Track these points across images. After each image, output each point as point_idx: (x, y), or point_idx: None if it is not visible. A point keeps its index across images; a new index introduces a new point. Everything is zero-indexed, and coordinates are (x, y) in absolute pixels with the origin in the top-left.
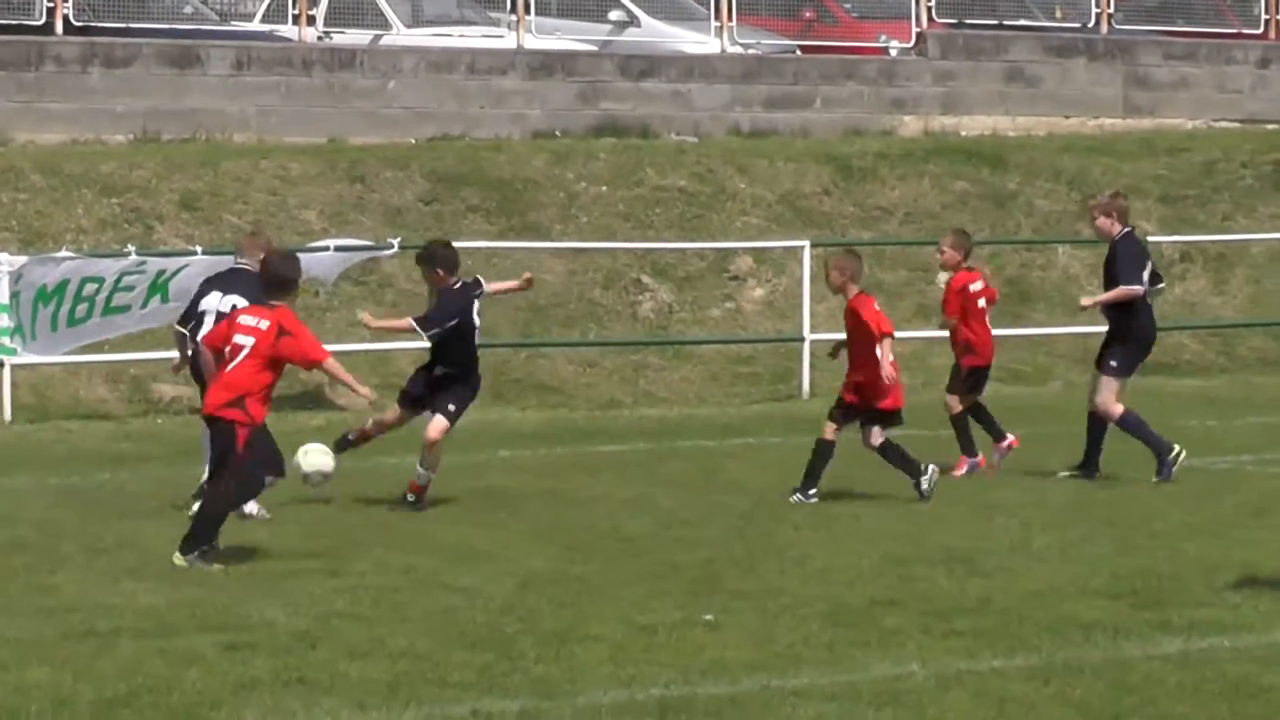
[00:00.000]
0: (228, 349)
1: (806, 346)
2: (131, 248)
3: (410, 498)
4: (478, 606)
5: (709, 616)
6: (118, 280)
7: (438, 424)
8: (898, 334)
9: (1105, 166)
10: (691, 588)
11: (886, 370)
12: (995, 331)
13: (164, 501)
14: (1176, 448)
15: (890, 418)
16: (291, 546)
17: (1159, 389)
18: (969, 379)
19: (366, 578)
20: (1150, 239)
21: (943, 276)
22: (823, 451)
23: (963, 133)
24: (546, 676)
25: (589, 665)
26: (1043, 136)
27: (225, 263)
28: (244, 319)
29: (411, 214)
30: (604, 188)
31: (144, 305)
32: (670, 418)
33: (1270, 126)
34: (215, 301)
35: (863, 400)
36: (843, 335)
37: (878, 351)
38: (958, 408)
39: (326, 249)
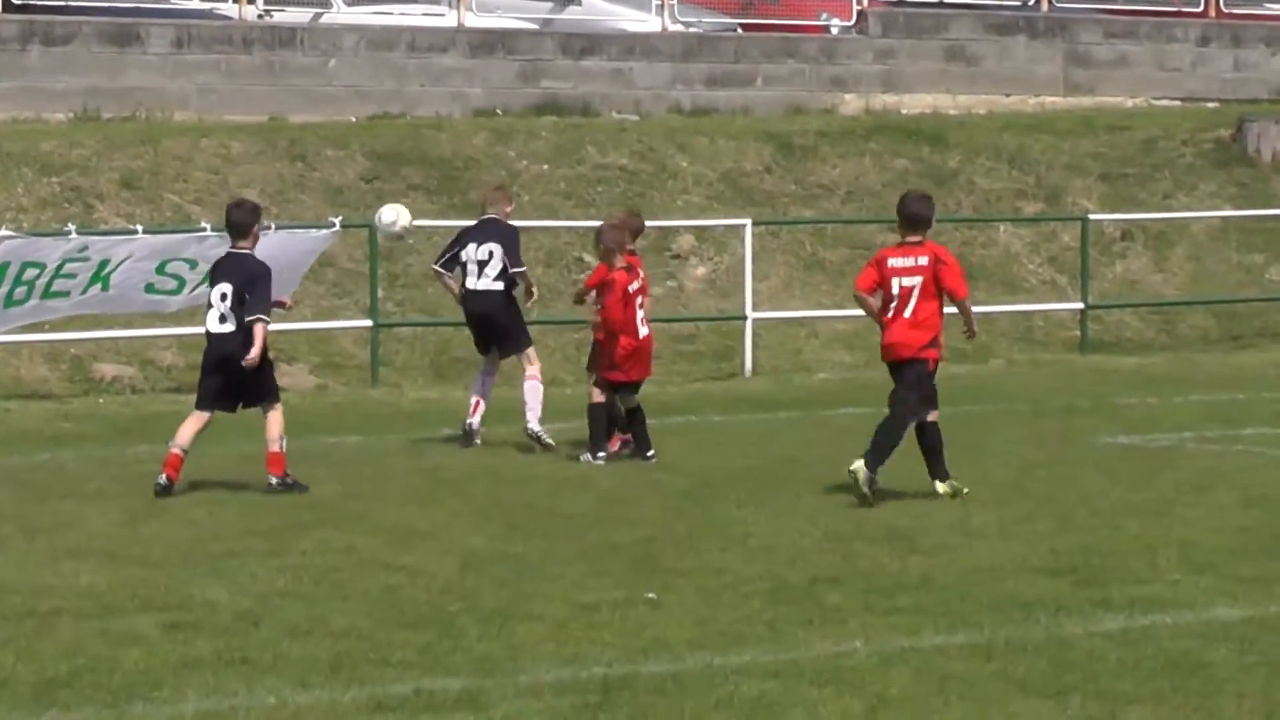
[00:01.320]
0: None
1: (749, 325)
2: (72, 227)
3: None
4: (419, 586)
5: (651, 595)
6: (59, 266)
7: None
8: (840, 312)
9: (1045, 144)
10: (633, 566)
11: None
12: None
13: (104, 482)
14: None
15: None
16: (232, 526)
17: (1100, 366)
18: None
19: (308, 557)
20: (1091, 217)
21: None
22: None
23: (904, 111)
24: (488, 655)
25: (531, 644)
26: (983, 115)
27: (166, 241)
28: (896, 261)
29: (353, 192)
30: (545, 166)
31: (83, 292)
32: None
33: (1210, 105)
34: (473, 252)
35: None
36: (784, 313)
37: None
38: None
39: (268, 228)
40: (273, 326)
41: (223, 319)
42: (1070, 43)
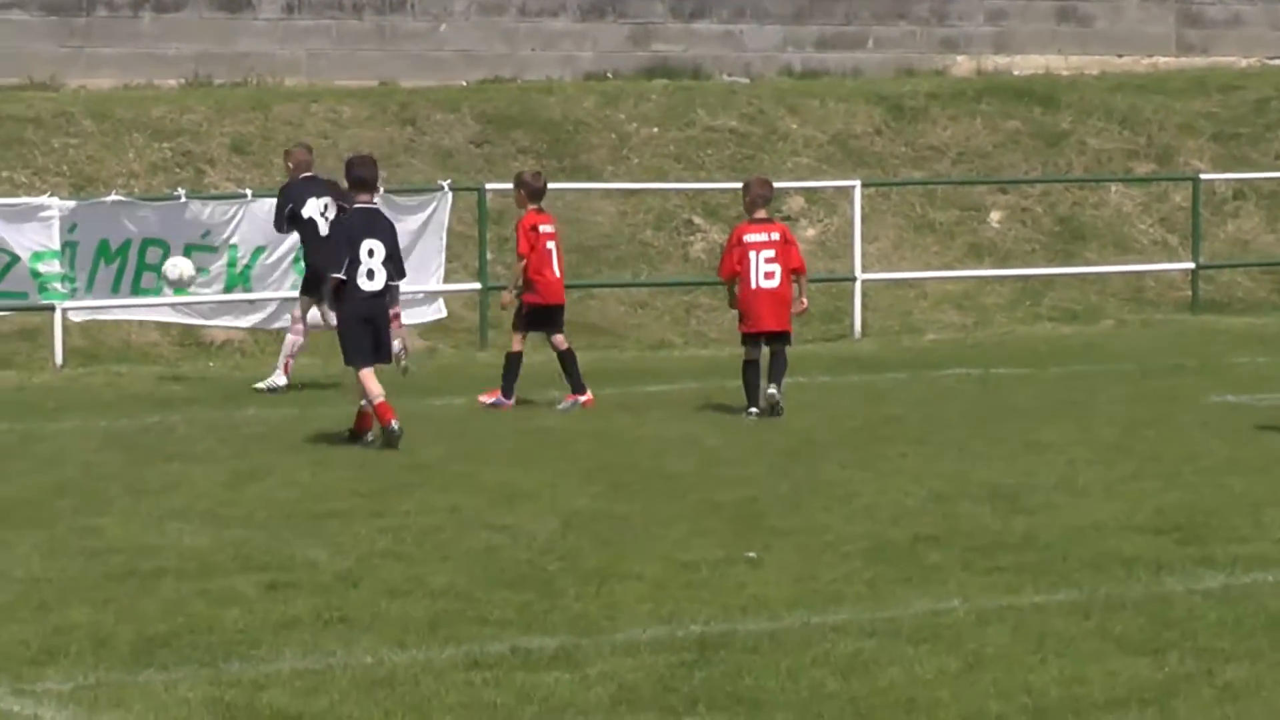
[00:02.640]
0: None
1: (858, 286)
2: (181, 191)
3: None
4: (520, 545)
5: (751, 554)
6: (185, 253)
7: None
8: (949, 273)
9: (1157, 105)
10: (734, 526)
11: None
12: (1048, 270)
13: (212, 444)
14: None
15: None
16: (337, 487)
17: (1211, 326)
18: (529, 317)
19: (410, 518)
20: (1202, 177)
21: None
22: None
23: (1015, 72)
24: (586, 614)
25: (628, 602)
26: (1095, 75)
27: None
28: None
29: (462, 156)
30: (655, 129)
31: (227, 289)
32: (720, 358)
33: None
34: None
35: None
36: (894, 274)
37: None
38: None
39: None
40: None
41: (371, 275)
42: (1183, 2)
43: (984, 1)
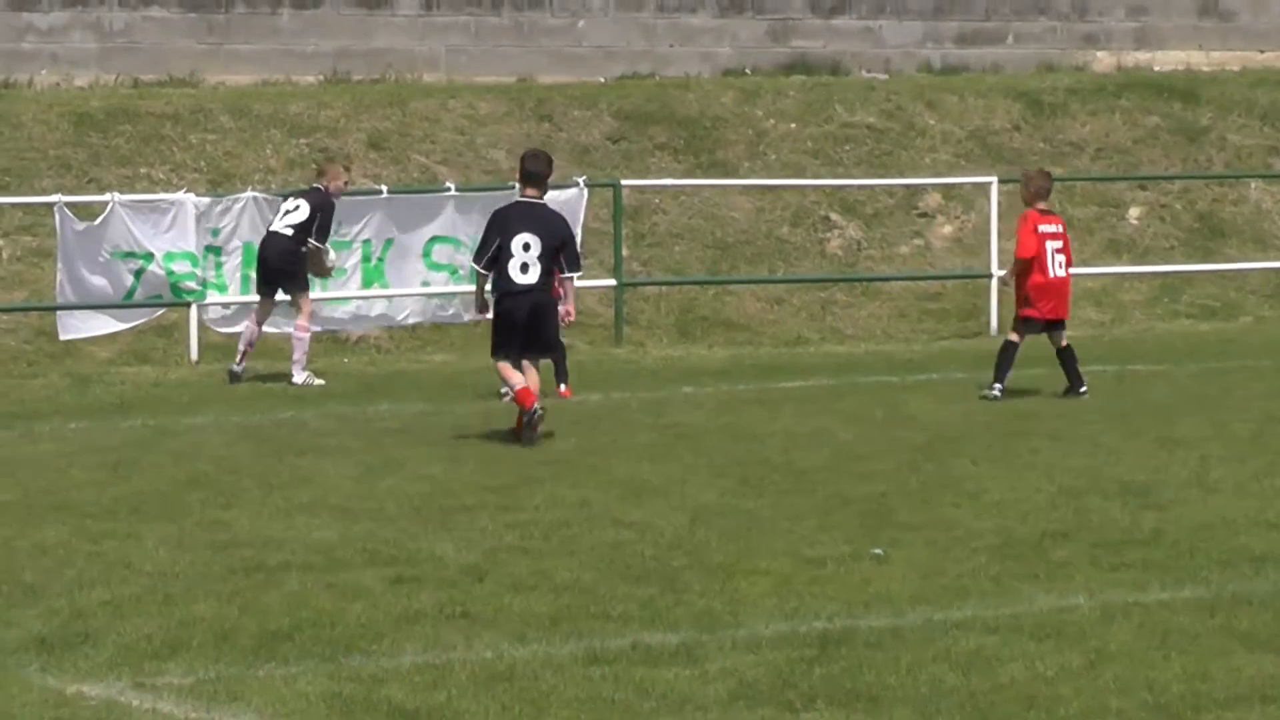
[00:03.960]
0: None
1: (994, 283)
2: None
3: None
4: (646, 540)
5: (878, 550)
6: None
7: None
8: (1087, 269)
9: None
10: (862, 521)
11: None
12: (1187, 267)
13: (344, 438)
14: None
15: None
16: (467, 482)
17: None
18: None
19: (539, 512)
20: None
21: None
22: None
23: (1156, 68)
24: (709, 609)
25: (753, 598)
26: (1236, 71)
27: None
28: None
29: (599, 152)
30: (793, 125)
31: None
32: (856, 354)
33: None
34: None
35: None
36: None
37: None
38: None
39: (511, 187)
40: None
41: (525, 269)
42: None
43: None
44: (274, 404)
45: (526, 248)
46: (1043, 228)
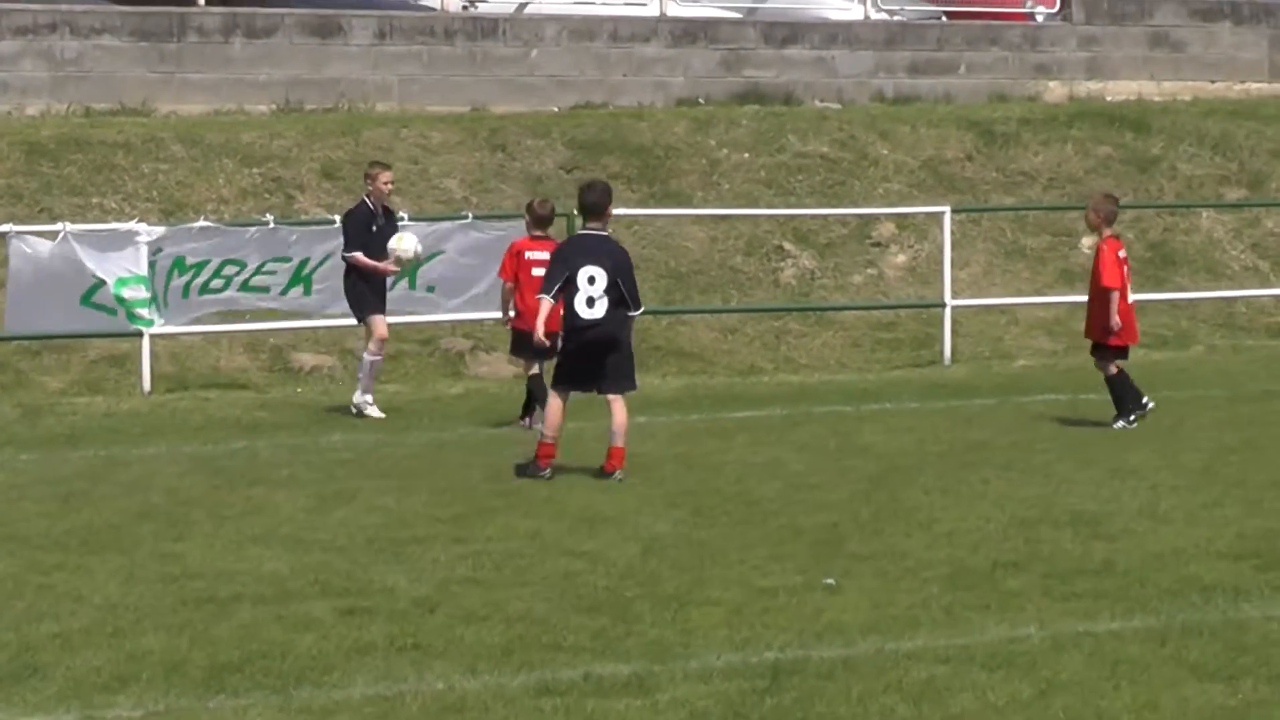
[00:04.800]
0: None
1: (948, 312)
2: (270, 217)
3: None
4: (599, 571)
5: (829, 580)
6: (260, 265)
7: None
8: (1040, 299)
9: (1250, 130)
10: (814, 551)
11: (1113, 320)
12: (1139, 296)
13: (297, 469)
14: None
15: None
16: (419, 513)
17: None
18: None
19: (491, 543)
20: None
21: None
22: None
23: (1108, 98)
24: (661, 640)
25: (705, 628)
26: (1187, 101)
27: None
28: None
29: (552, 182)
30: (746, 154)
31: (284, 293)
32: (810, 383)
33: None
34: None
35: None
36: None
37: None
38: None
39: (465, 217)
40: (474, 315)
41: (590, 303)
42: (1276, 28)
43: (1076, 28)
44: (226, 434)
45: (592, 281)
46: (1120, 253)
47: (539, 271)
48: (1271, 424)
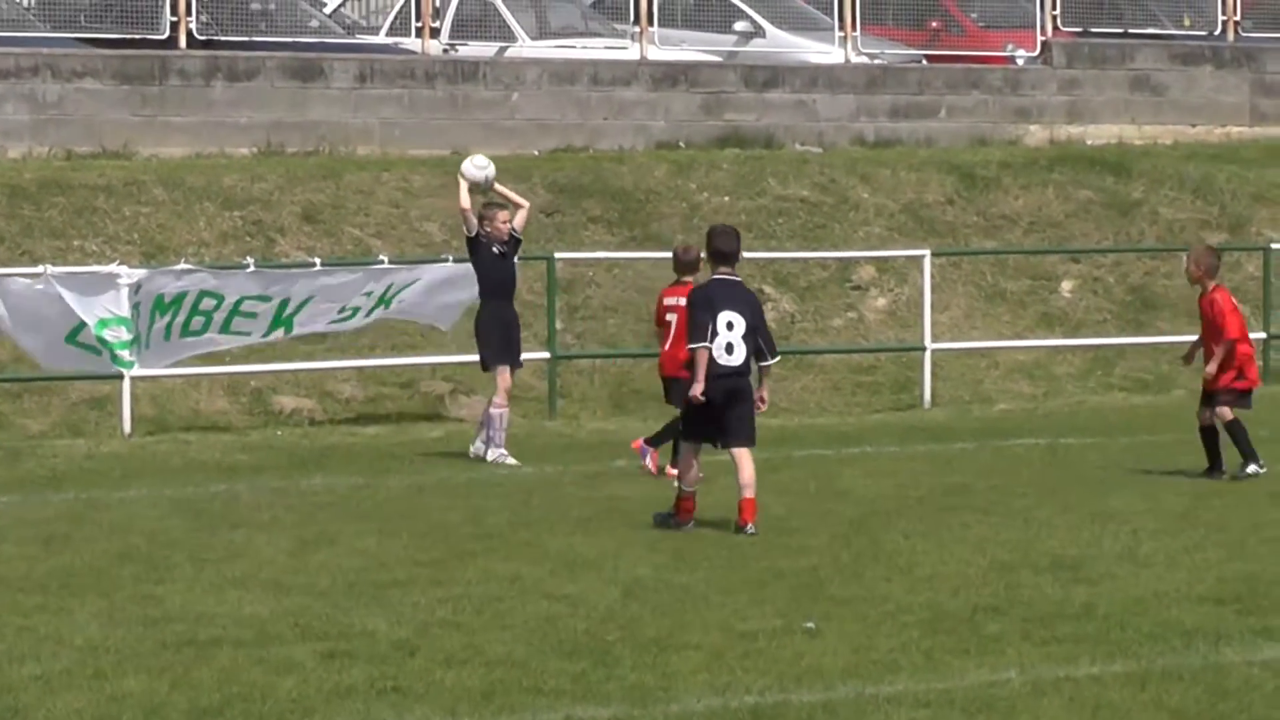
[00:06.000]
0: None
1: (928, 356)
2: (250, 260)
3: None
4: (579, 615)
5: (810, 624)
6: (238, 303)
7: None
8: (1020, 342)
9: (1230, 174)
10: (795, 595)
11: (1209, 369)
12: (1120, 340)
13: (278, 512)
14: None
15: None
16: (400, 556)
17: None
18: None
19: (471, 586)
20: (1274, 246)
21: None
22: (1235, 429)
23: (1088, 141)
24: (641, 684)
25: (685, 672)
26: (1168, 145)
27: (346, 282)
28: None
29: (533, 225)
30: (726, 198)
31: (265, 335)
32: (790, 427)
33: None
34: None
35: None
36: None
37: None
38: None
39: (445, 260)
40: (455, 358)
41: (730, 349)
42: (1257, 72)
43: (1057, 71)
44: (207, 477)
45: (730, 327)
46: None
47: (671, 318)
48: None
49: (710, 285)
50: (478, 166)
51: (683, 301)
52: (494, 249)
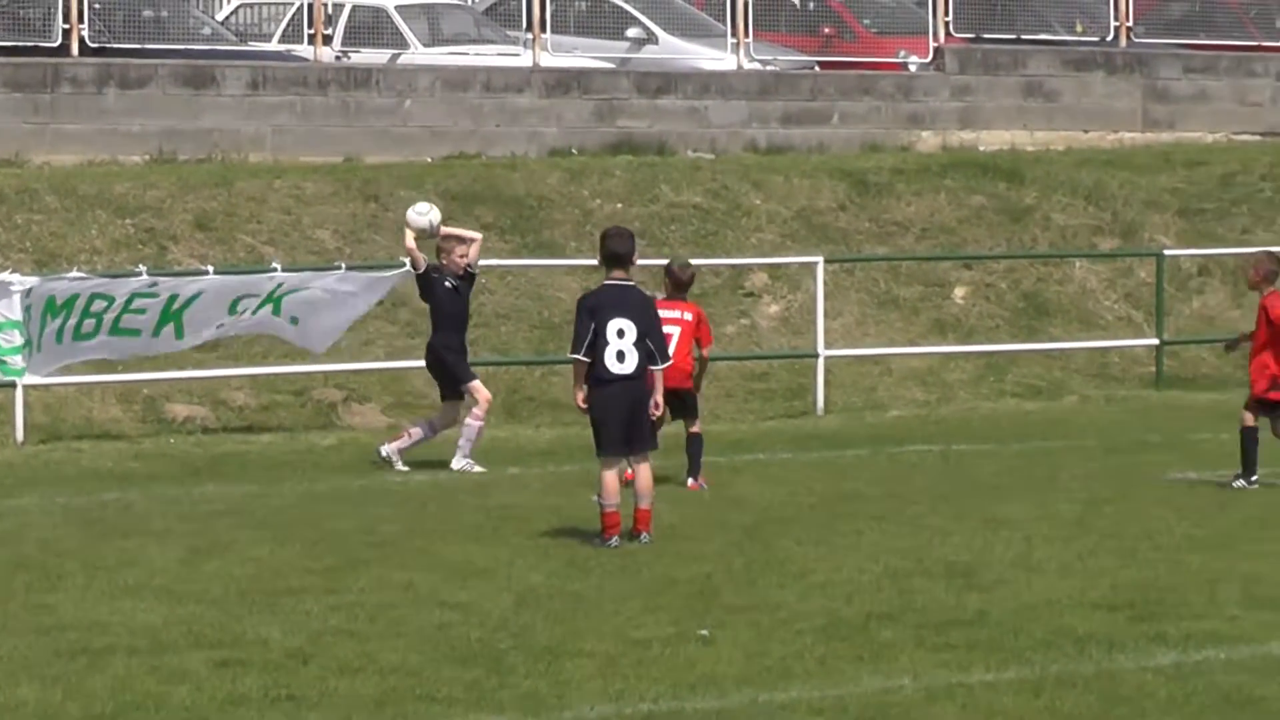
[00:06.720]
0: None
1: (821, 363)
2: (143, 268)
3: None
4: (472, 622)
5: (704, 631)
6: (128, 301)
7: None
8: (913, 349)
9: (1123, 180)
10: (688, 603)
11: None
12: (1012, 346)
13: (171, 520)
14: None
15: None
16: (293, 564)
17: (1175, 402)
18: None
19: (365, 594)
20: (1166, 252)
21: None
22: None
23: (981, 148)
24: (535, 691)
25: (578, 680)
26: (1061, 151)
27: (236, 280)
28: None
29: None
30: (619, 205)
31: (155, 334)
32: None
33: None
34: None
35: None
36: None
37: None
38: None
39: (338, 268)
40: (347, 366)
41: (621, 357)
42: (1149, 78)
43: (949, 78)
44: (100, 485)
45: (621, 334)
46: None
47: (670, 329)
48: (1145, 474)
49: (600, 292)
50: (419, 213)
51: (680, 314)
52: (446, 283)
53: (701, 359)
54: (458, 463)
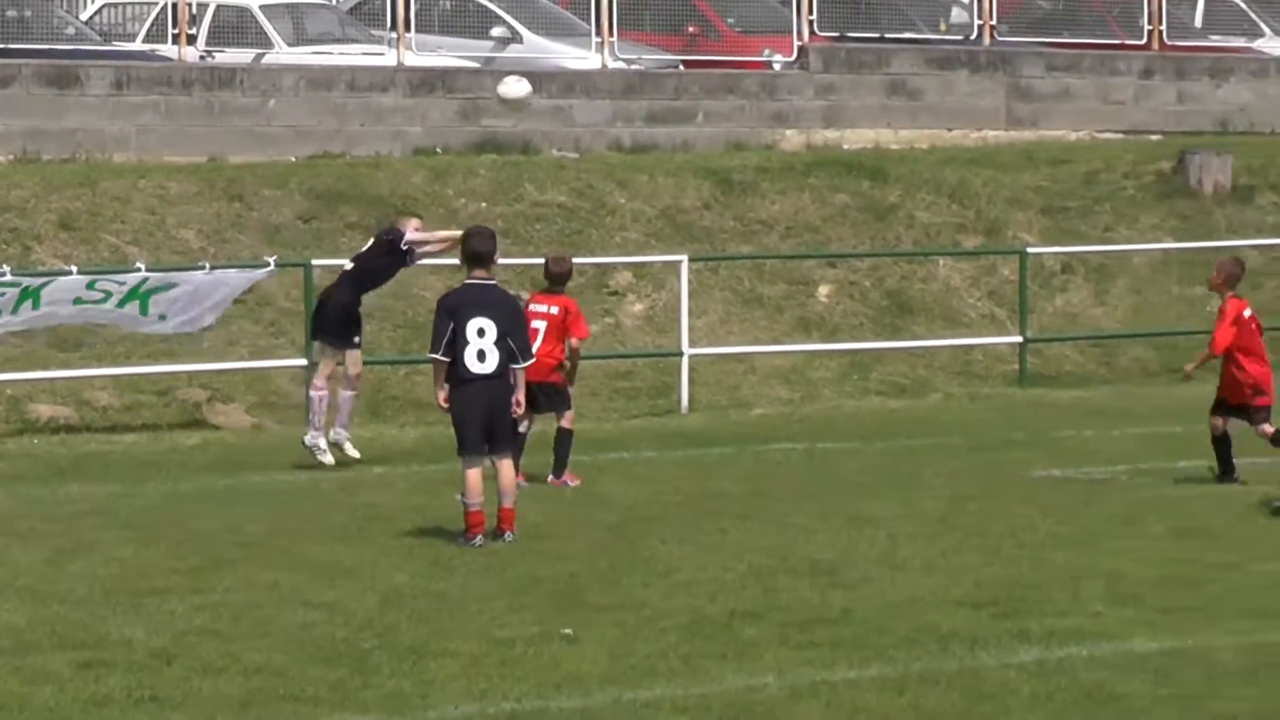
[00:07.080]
0: None
1: (685, 361)
2: (6, 268)
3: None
4: (337, 622)
5: (568, 631)
6: None
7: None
8: (777, 347)
9: (986, 178)
10: (553, 601)
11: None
12: (876, 345)
13: (35, 521)
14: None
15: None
16: (158, 564)
17: (1039, 400)
18: None
19: (230, 594)
20: (1030, 250)
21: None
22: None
23: (845, 146)
24: (399, 691)
25: (442, 679)
26: (925, 149)
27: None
28: None
29: (290, 232)
30: (483, 204)
31: (14, 311)
32: (546, 433)
33: (1153, 137)
34: None
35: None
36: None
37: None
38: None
39: (203, 267)
40: (211, 366)
41: (481, 356)
42: (1012, 76)
43: (814, 76)
44: None
45: (481, 333)
46: (1245, 312)
47: (537, 324)
48: (1009, 472)
49: (460, 291)
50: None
51: (547, 309)
52: (397, 252)
53: (573, 350)
54: (310, 438)
